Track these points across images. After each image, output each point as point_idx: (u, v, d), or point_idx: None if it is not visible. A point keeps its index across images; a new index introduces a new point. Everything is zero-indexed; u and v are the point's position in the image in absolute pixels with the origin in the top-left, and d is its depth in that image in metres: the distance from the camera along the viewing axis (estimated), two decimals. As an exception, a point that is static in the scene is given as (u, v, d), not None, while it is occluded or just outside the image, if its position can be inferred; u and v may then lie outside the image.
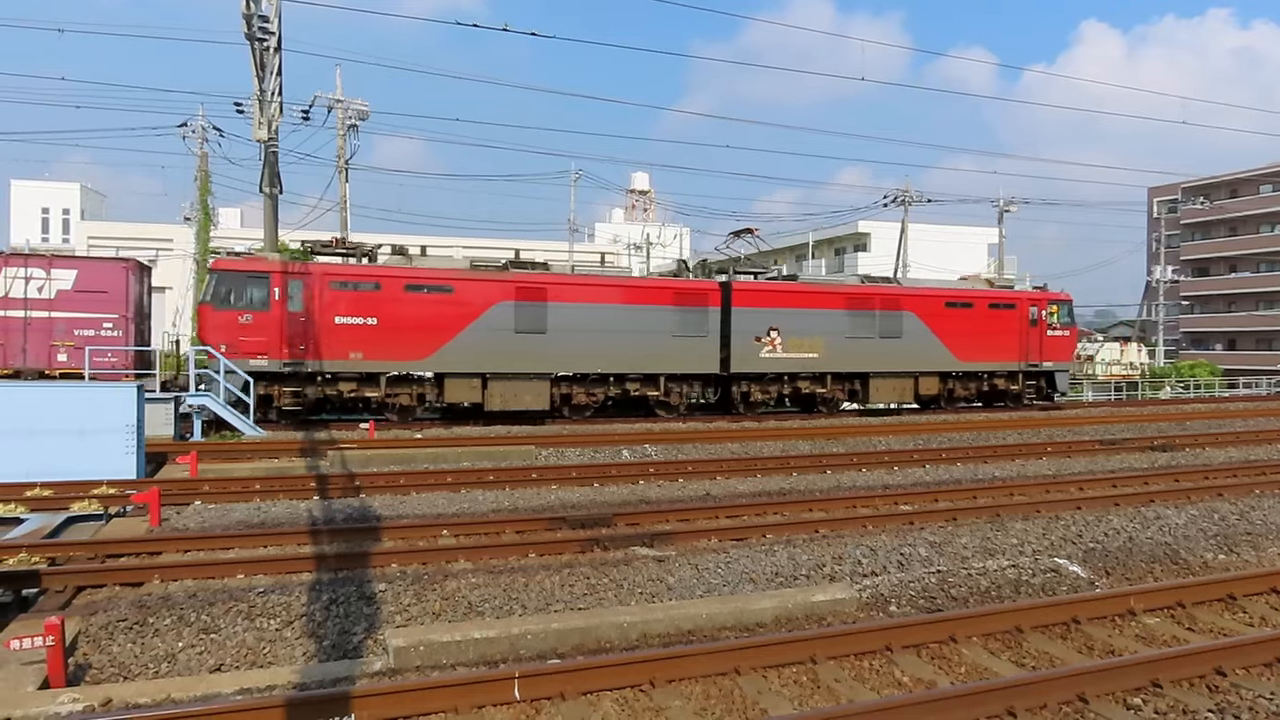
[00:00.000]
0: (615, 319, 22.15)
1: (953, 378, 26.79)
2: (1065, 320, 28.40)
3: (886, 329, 25.26)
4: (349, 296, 20.05)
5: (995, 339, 26.95)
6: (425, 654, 6.33)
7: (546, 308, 21.47)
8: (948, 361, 26.25)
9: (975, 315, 26.74)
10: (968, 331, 26.43)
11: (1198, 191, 66.79)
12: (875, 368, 25.21)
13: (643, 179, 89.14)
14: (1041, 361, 27.72)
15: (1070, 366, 29.38)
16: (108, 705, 5.48)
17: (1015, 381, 27.68)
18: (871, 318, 25.09)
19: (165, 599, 7.33)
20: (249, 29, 18.31)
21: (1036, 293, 29.10)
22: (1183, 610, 7.66)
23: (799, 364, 24.23)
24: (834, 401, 25.37)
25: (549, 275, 22.15)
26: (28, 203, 66.33)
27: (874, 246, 56.13)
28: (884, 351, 25.26)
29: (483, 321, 20.95)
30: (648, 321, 22.48)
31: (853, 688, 5.94)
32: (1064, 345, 28.46)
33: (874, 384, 25.29)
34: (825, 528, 10.38)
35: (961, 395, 27.17)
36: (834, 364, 24.66)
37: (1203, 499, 12.27)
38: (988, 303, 27.13)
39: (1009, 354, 27.22)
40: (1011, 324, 27.24)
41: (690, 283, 23.88)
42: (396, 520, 10.48)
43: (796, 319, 24.11)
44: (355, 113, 31.31)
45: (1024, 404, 28.06)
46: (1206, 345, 70.00)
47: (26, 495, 11.26)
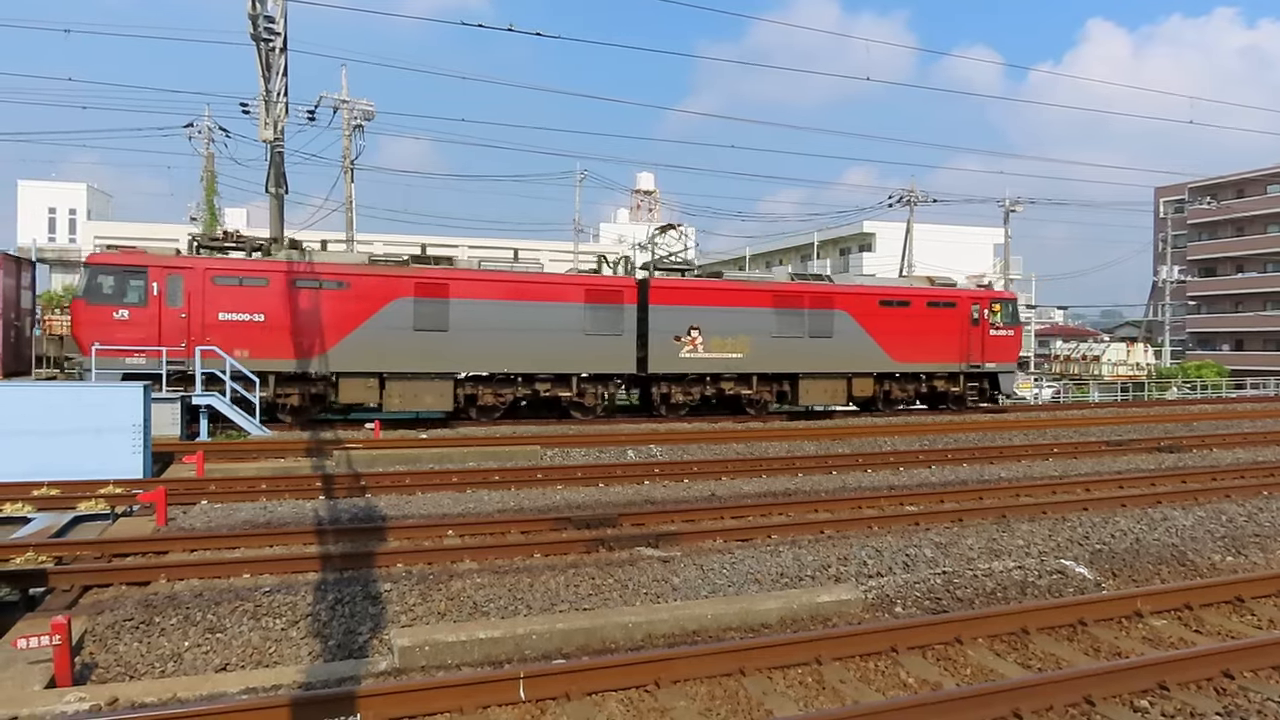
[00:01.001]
0: (523, 316, 21.30)
1: (889, 379, 25.95)
2: (1009, 320, 27.54)
3: (816, 328, 24.46)
4: (233, 292, 19.25)
5: (934, 339, 26.07)
6: (430, 654, 6.34)
7: (448, 304, 20.70)
8: (883, 362, 25.42)
9: (912, 314, 25.87)
10: (904, 331, 25.58)
11: (1204, 191, 66.57)
12: (805, 368, 24.41)
13: (648, 179, 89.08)
14: (984, 362, 26.80)
15: (1016, 367, 28.48)
16: (114, 704, 5.49)
17: (956, 383, 26.82)
18: (800, 316, 24.28)
19: (171, 598, 7.35)
20: (255, 29, 18.34)
21: (979, 291, 28.19)
22: (1190, 612, 7.63)
23: (722, 364, 23.40)
24: (762, 403, 24.52)
25: (451, 271, 21.33)
26: (35, 203, 66.58)
27: (879, 247, 56.11)
28: (814, 351, 24.46)
29: (379, 319, 20.19)
30: (558, 319, 21.68)
31: (858, 689, 5.93)
32: (1008, 345, 27.56)
33: (804, 385, 24.46)
34: (831, 528, 10.37)
35: (899, 397, 26.29)
36: (760, 364, 23.87)
37: (1210, 500, 12.23)
38: (925, 301, 26.25)
39: (949, 354, 26.35)
40: (952, 323, 26.36)
41: (604, 279, 23.11)
42: (402, 520, 10.49)
43: (719, 317, 23.27)
44: (361, 113, 31.35)
45: (967, 406, 27.21)
46: (1213, 346, 69.75)
47: (33, 494, 11.29)
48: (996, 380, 27.46)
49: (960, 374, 26.71)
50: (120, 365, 18.13)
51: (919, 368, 26.06)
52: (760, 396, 24.26)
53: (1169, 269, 59.65)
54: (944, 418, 25.50)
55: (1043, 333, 72.13)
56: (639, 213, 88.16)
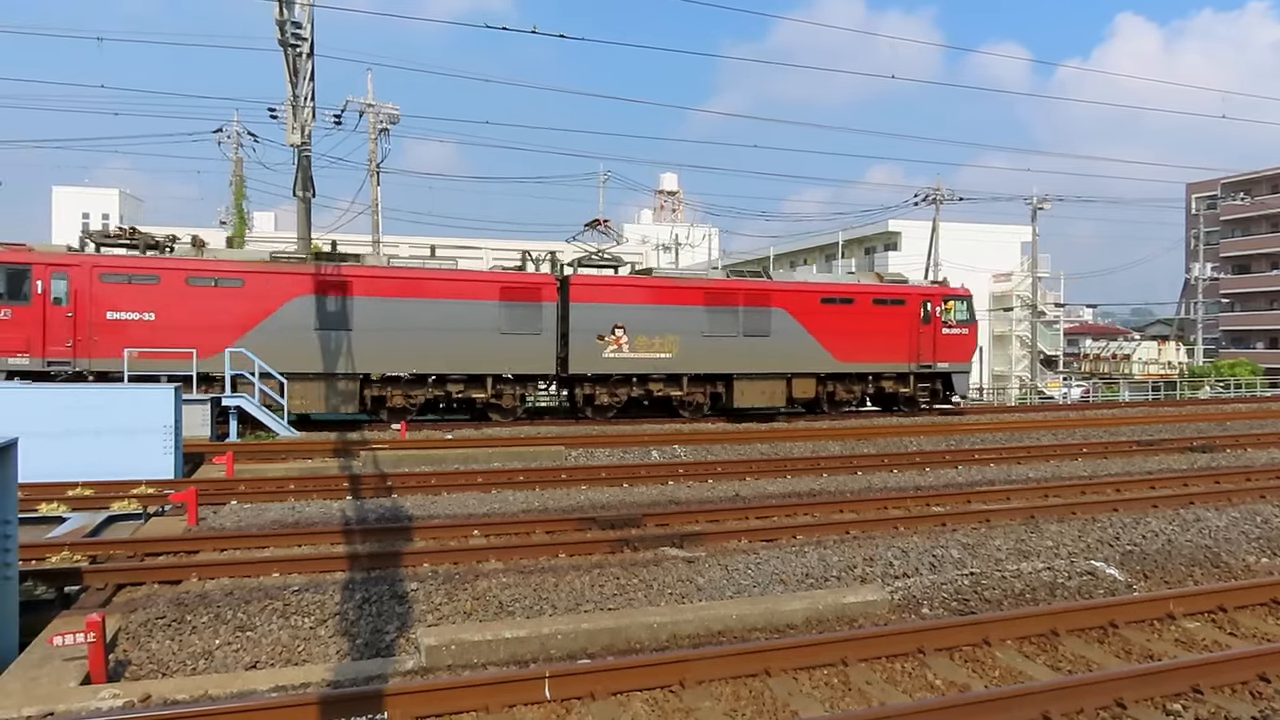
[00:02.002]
0: (433, 315, 20.50)
1: (833, 379, 24.76)
2: (964, 317, 26.28)
3: (752, 327, 23.34)
4: (123, 290, 18.62)
5: (881, 338, 24.87)
6: (457, 653, 6.38)
7: (352, 302, 20.01)
8: (825, 362, 24.26)
9: (857, 312, 24.68)
10: (848, 329, 24.44)
11: (1238, 187, 65.40)
12: (740, 369, 23.29)
13: (671, 180, 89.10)
14: (936, 362, 25.55)
15: (970, 367, 27.10)
16: (147, 701, 5.58)
17: (906, 384, 25.61)
18: (734, 314, 23.18)
19: (202, 597, 7.45)
20: (282, 35, 18.55)
21: (930, 287, 27.20)
22: (1224, 615, 7.50)
23: (649, 364, 22.37)
24: (695, 405, 23.38)
25: (355, 268, 20.55)
26: (69, 208, 67.87)
27: (904, 245, 55.61)
28: (749, 351, 23.32)
29: (278, 318, 19.50)
30: (472, 318, 20.84)
31: (884, 690, 5.89)
32: (962, 344, 26.23)
33: (739, 386, 23.34)
34: (856, 529, 10.31)
35: (845, 398, 25.14)
36: (691, 364, 22.82)
37: (1244, 501, 12.01)
38: (871, 298, 25.08)
39: (898, 354, 25.16)
40: (900, 322, 25.17)
41: (521, 276, 22.29)
42: (428, 520, 10.57)
43: (646, 315, 22.26)
44: (386, 116, 31.62)
45: (920, 408, 26.10)
46: (1247, 344, 68.52)
47: (68, 495, 11.50)
48: (950, 381, 26.25)
49: (910, 374, 25.58)
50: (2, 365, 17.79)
51: (865, 368, 24.97)
52: (692, 398, 23.25)
53: (1202, 266, 58.68)
54: (969, 418, 25.28)
55: (1072, 331, 71.28)
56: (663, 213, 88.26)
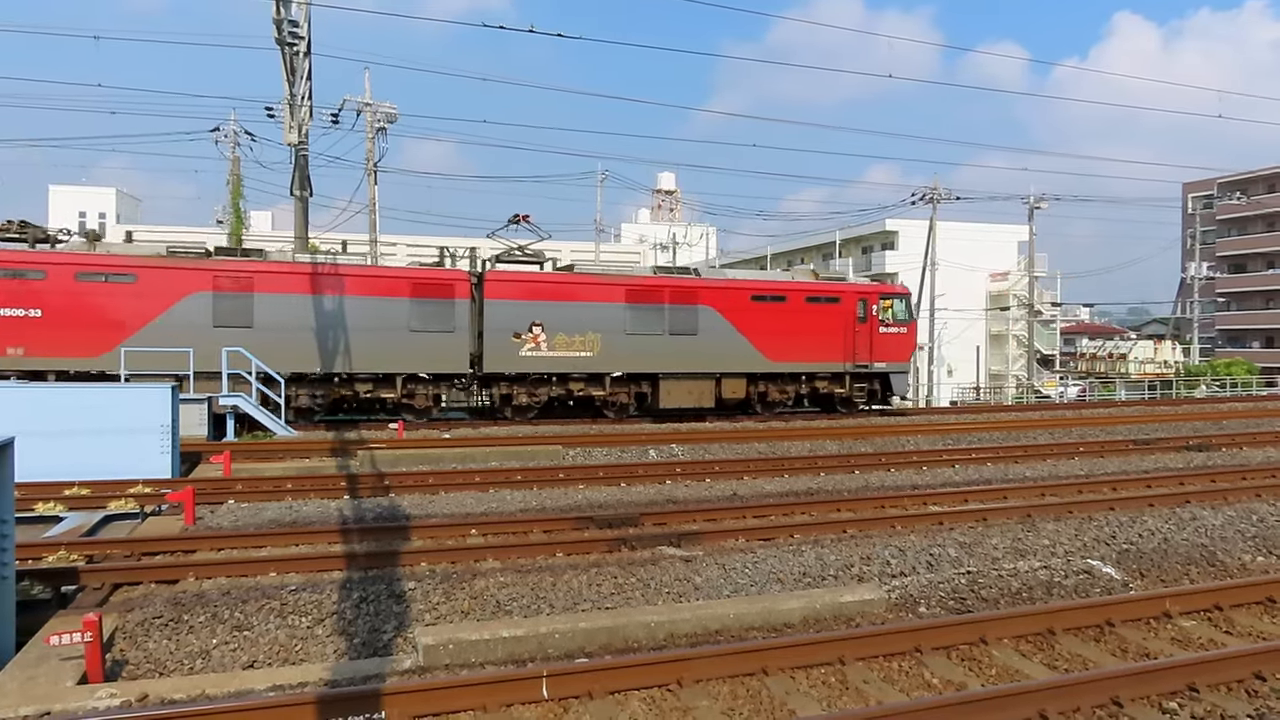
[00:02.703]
0: (339, 312, 19.98)
1: (764, 379, 24.16)
2: (902, 316, 25.72)
3: (678, 325, 22.76)
4: (6, 286, 18.09)
5: (815, 336, 24.31)
6: (454, 652, 6.38)
7: (252, 299, 19.51)
8: (756, 361, 23.68)
9: (789, 310, 24.12)
10: (780, 328, 23.86)
11: (1234, 186, 65.52)
12: (665, 368, 22.70)
13: (669, 179, 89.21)
14: (872, 362, 24.99)
15: (909, 367, 26.48)
16: (144, 700, 5.57)
17: (842, 384, 25.07)
18: (660, 312, 22.59)
19: (200, 596, 7.45)
20: (279, 34, 18.56)
21: (866, 285, 26.73)
22: (1220, 613, 7.52)
23: (569, 363, 21.85)
24: (620, 406, 22.87)
25: (255, 263, 20.05)
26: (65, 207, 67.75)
27: (902, 245, 55.70)
28: (676, 350, 22.73)
29: (173, 314, 19.00)
30: (379, 315, 20.29)
31: (882, 689, 5.90)
32: (899, 344, 25.68)
33: (665, 386, 22.70)
34: (853, 528, 10.32)
35: (778, 399, 24.52)
36: (613, 364, 22.30)
37: (1240, 500, 12.03)
38: (804, 296, 24.55)
39: (832, 353, 24.56)
40: (835, 320, 24.60)
41: (431, 272, 21.73)
42: (425, 519, 10.56)
43: (565, 313, 21.70)
44: (384, 115, 31.62)
45: (858, 409, 25.53)
46: (1243, 343, 68.69)
47: (65, 494, 11.48)
48: (888, 381, 25.69)
49: (846, 374, 25.04)
50: None
51: (799, 367, 24.40)
52: (616, 398, 22.76)
53: (1198, 265, 58.76)
54: (966, 417, 25.31)
55: (1068, 330, 71.33)
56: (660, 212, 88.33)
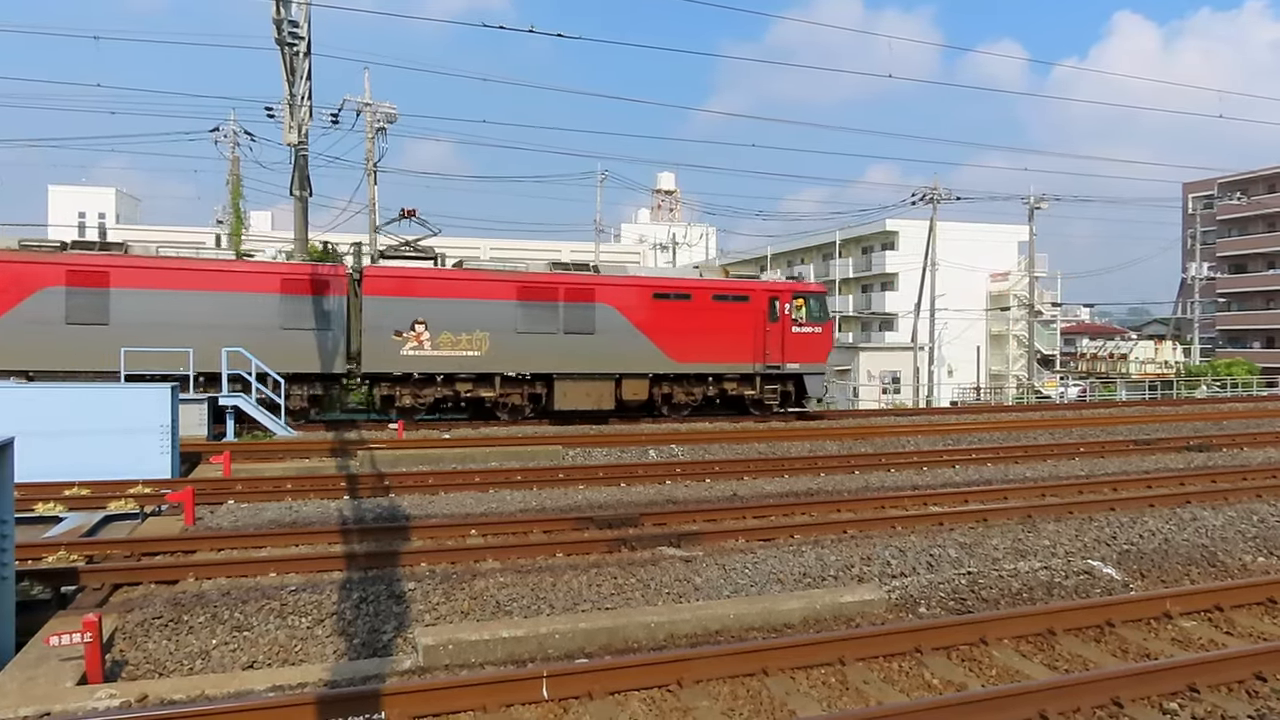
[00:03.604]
0: (205, 308, 19.04)
1: (668, 380, 23.04)
2: (817, 315, 24.55)
3: (574, 323, 21.83)
4: None
5: (723, 336, 23.24)
6: (454, 652, 6.37)
7: (109, 295, 18.59)
8: (658, 362, 22.62)
9: (694, 309, 23.05)
10: (685, 328, 22.85)
11: (1234, 187, 65.49)
12: (561, 368, 21.77)
13: (669, 179, 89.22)
14: (785, 362, 23.85)
15: (825, 368, 25.24)
16: (144, 701, 5.57)
17: (752, 385, 23.93)
18: (553, 310, 21.68)
19: (199, 597, 7.45)
20: (279, 34, 18.55)
21: (778, 283, 25.57)
22: (1220, 614, 7.51)
23: (455, 363, 20.92)
24: (513, 407, 21.87)
25: (113, 257, 19.15)
26: (65, 207, 67.75)
27: (902, 245, 55.70)
28: (572, 349, 21.79)
29: (22, 310, 18.04)
30: (249, 311, 19.34)
31: (882, 689, 5.89)
32: (814, 344, 24.44)
33: (560, 387, 21.80)
34: (853, 528, 10.31)
35: (684, 401, 23.36)
36: (503, 364, 21.32)
37: (1241, 500, 12.03)
38: (711, 294, 23.43)
39: (741, 354, 23.48)
40: (744, 319, 23.51)
41: (305, 266, 20.76)
42: (425, 520, 10.56)
43: (451, 310, 20.80)
44: (383, 115, 31.62)
45: (773, 412, 24.35)
46: (1244, 343, 68.66)
47: (65, 494, 11.48)
48: (803, 383, 24.48)
49: (756, 375, 23.89)
50: None
51: (705, 368, 23.31)
52: (508, 399, 21.79)
53: (1198, 265, 58.73)
54: (967, 417, 25.29)
55: (1069, 331, 71.32)
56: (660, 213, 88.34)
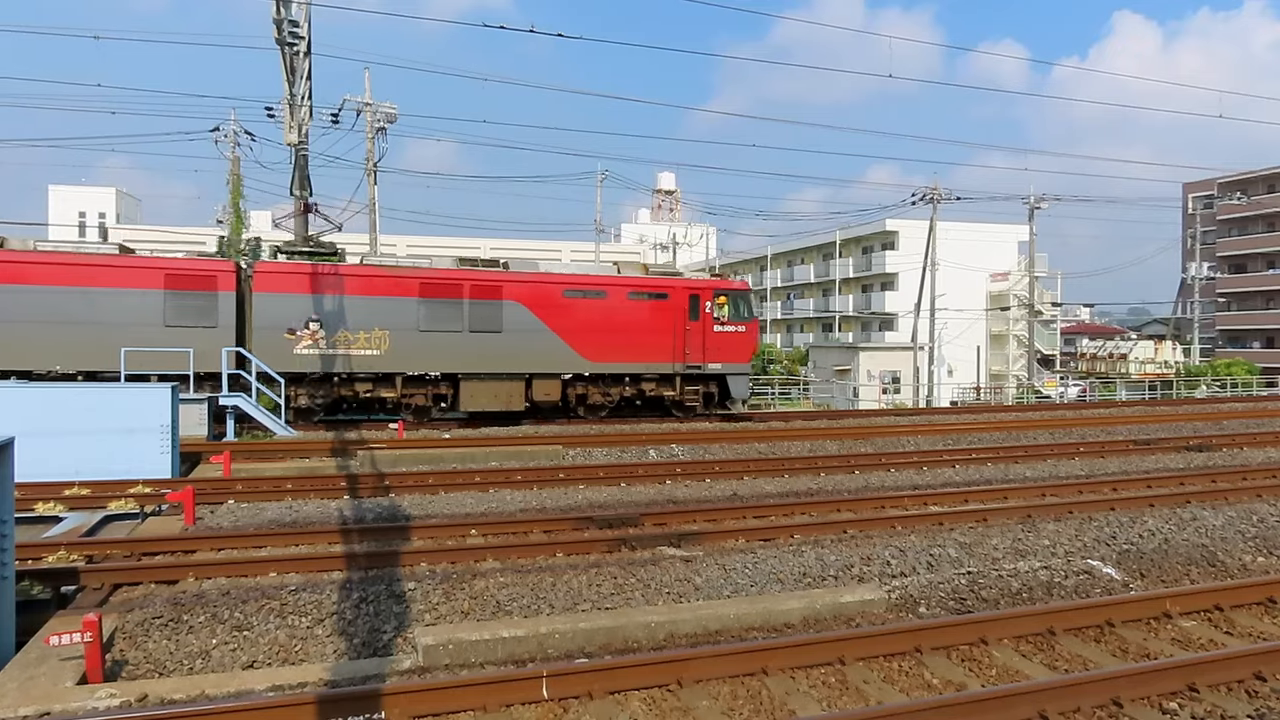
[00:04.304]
0: (81, 305, 18.23)
1: (582, 381, 22.31)
2: (741, 314, 23.73)
3: (480, 321, 21.07)
4: None
5: (640, 335, 22.45)
6: (454, 652, 6.38)
7: None
8: (572, 361, 21.88)
9: (609, 307, 22.26)
10: (600, 326, 22.09)
11: (1234, 187, 65.47)
12: (467, 368, 20.99)
13: (669, 179, 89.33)
14: (706, 362, 23.07)
15: (750, 368, 24.44)
16: (144, 701, 5.57)
17: (672, 385, 23.10)
18: (458, 308, 20.91)
19: (199, 596, 7.45)
20: (279, 34, 18.52)
21: (700, 280, 24.69)
22: (1220, 614, 7.52)
23: (353, 362, 20.14)
24: (417, 408, 21.13)
25: None
26: (65, 207, 67.80)
27: (902, 245, 55.68)
28: (478, 349, 21.03)
29: None
30: (130, 309, 18.55)
31: (882, 689, 5.90)
32: (738, 343, 23.62)
33: (467, 387, 21.02)
34: (853, 528, 10.32)
35: (600, 402, 22.58)
36: (404, 363, 20.55)
37: (1241, 500, 12.04)
38: (627, 291, 22.57)
39: (660, 353, 22.68)
40: (662, 317, 22.73)
41: (191, 262, 19.88)
42: (425, 519, 10.56)
43: (348, 308, 20.03)
44: (383, 115, 31.59)
45: (696, 414, 23.47)
46: (1244, 343, 68.61)
47: (65, 494, 11.48)
48: (726, 383, 23.67)
49: (676, 375, 23.08)
50: None
51: (621, 368, 22.50)
52: (411, 400, 21.07)
53: (1198, 265, 58.70)
54: (967, 417, 25.30)
55: (1069, 330, 71.35)
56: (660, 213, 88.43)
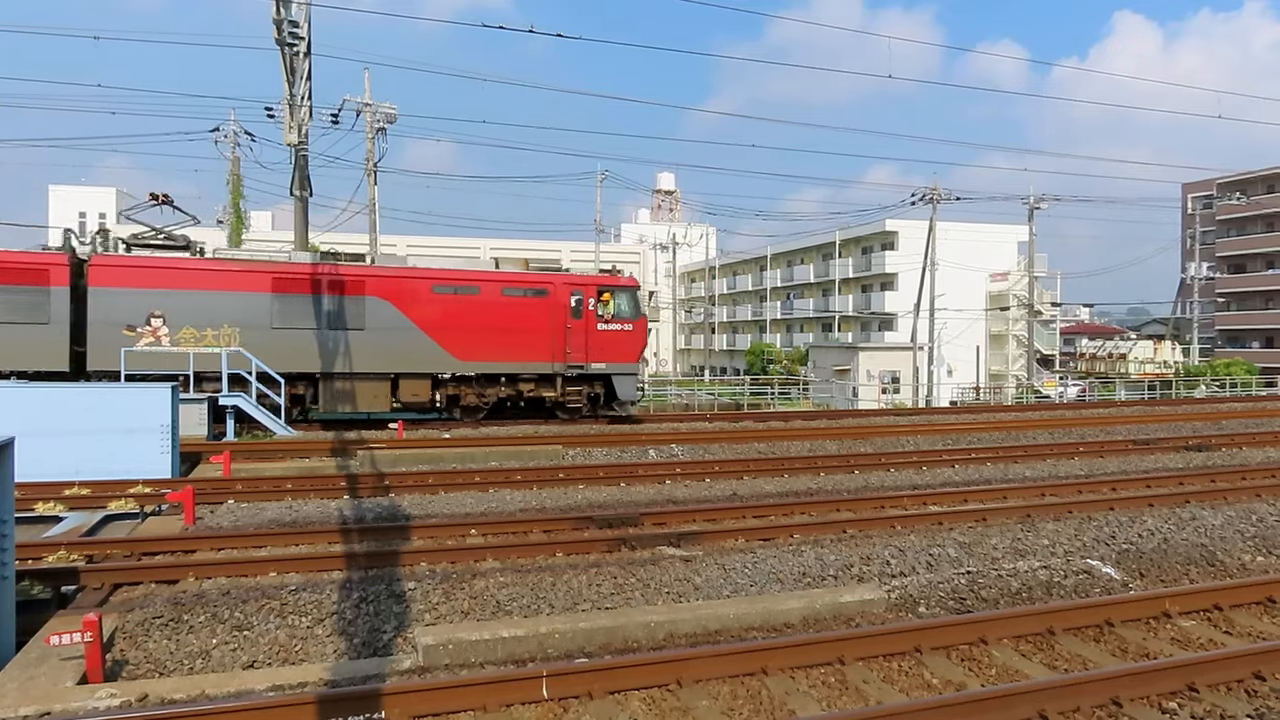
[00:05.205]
0: None
1: (454, 381, 21.34)
2: (626, 312, 22.60)
3: (341, 318, 20.05)
4: None
5: (517, 334, 21.48)
6: (454, 652, 6.38)
7: None
8: (442, 360, 20.90)
9: (483, 304, 21.24)
10: (473, 324, 21.07)
11: (1233, 187, 65.50)
12: (326, 367, 19.92)
13: (669, 179, 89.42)
14: (589, 362, 22.04)
15: (638, 368, 23.18)
16: (144, 700, 5.57)
17: (553, 386, 22.10)
18: (316, 303, 19.92)
19: (200, 596, 7.45)
20: (279, 34, 18.55)
21: (580, 276, 23.56)
22: (1220, 613, 7.53)
23: (198, 360, 18.87)
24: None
25: None
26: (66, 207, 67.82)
27: (902, 245, 55.75)
28: (339, 347, 20.03)
29: None
30: None
31: (881, 689, 5.90)
32: (625, 342, 22.49)
33: (326, 387, 20.03)
34: (853, 528, 10.32)
35: (474, 403, 21.60)
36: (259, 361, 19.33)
37: (1240, 500, 12.05)
38: (502, 288, 21.59)
39: (538, 353, 21.70)
40: (541, 315, 21.72)
41: (17, 255, 18.67)
42: (425, 519, 10.56)
43: (195, 303, 18.99)
44: (383, 116, 31.63)
45: (580, 416, 22.46)
46: (1243, 343, 68.65)
47: (64, 494, 11.47)
48: (612, 384, 22.57)
49: (557, 376, 22.10)
50: None
51: (497, 368, 21.54)
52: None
53: (1197, 265, 58.78)
54: (966, 417, 25.31)
55: (1068, 331, 71.39)
56: (660, 213, 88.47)
